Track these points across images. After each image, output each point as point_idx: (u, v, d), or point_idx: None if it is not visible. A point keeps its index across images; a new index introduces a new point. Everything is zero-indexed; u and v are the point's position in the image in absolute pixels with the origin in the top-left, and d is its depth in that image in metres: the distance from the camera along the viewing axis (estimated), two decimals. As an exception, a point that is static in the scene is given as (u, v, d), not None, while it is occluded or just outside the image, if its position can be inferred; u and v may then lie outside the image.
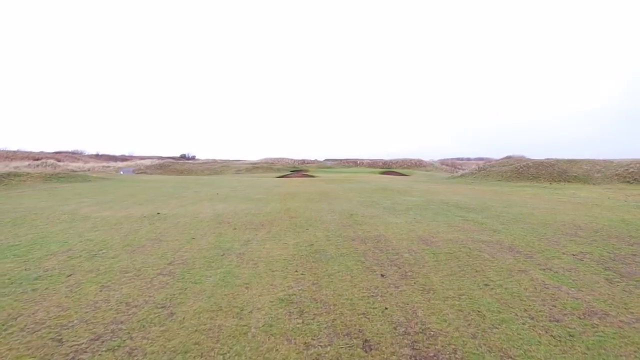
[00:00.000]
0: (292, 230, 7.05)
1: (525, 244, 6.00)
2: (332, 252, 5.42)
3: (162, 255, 5.22)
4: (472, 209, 10.00)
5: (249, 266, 4.76)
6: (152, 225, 7.55)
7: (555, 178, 21.78)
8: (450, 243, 6.00)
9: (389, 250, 5.53)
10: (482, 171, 26.76)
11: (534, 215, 8.85)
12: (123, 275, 4.35)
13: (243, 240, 6.26)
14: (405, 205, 10.85)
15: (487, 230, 7.09)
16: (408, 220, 8.17)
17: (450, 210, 9.76)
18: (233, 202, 11.83)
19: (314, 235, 6.64)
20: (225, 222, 7.95)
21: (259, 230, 7.11)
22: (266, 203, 11.41)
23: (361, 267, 4.73)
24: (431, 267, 4.71)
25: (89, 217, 8.57)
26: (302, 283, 4.14)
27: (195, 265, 4.76)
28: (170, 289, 3.93)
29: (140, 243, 5.98)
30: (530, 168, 23.55)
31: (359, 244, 5.96)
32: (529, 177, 22.45)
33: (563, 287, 4.08)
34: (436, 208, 10.12)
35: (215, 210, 9.65)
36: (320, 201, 11.90)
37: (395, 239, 6.31)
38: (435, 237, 6.41)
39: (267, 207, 10.31)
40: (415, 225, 7.50)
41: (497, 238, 6.39)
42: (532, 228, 7.28)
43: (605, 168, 22.41)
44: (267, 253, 5.40)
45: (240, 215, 8.80)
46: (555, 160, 24.77)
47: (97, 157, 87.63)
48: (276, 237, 6.46)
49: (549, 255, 5.31)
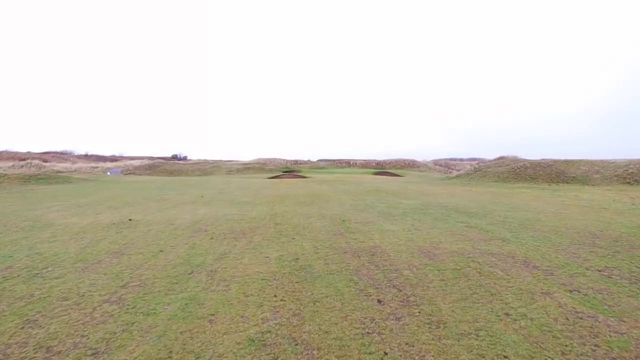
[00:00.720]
0: (276, 240, 6.24)
1: (540, 256, 5.26)
2: (320, 269, 4.63)
3: (117, 275, 4.38)
4: (474, 213, 9.28)
5: (219, 289, 3.95)
6: (118, 234, 6.69)
7: (554, 179, 21.24)
8: (456, 256, 5.24)
9: (386, 267, 4.75)
10: (478, 172, 26.16)
11: (542, 221, 8.15)
12: (60, 304, 3.51)
13: (219, 252, 5.44)
14: (401, 209, 10.09)
15: (495, 239, 6.35)
16: (406, 227, 7.41)
17: (450, 215, 9.03)
18: (217, 205, 10.98)
19: (301, 246, 5.84)
20: (202, 230, 7.11)
21: (239, 239, 6.30)
22: (252, 207, 10.58)
23: (354, 289, 3.95)
24: (437, 289, 3.94)
25: (51, 224, 7.67)
26: (280, 313, 3.34)
27: (154, 288, 3.93)
28: (112, 324, 3.11)
29: (97, 258, 5.13)
30: (528, 169, 22.99)
31: (352, 257, 5.18)
32: (526, 178, 21.88)
33: (600, 316, 3.34)
34: (435, 213, 9.37)
35: (194, 216, 8.80)
36: (310, 205, 11.10)
37: (393, 250, 5.54)
38: (438, 249, 5.65)
39: (252, 212, 9.48)
40: (414, 234, 6.74)
41: (508, 249, 5.65)
42: (544, 236, 6.56)
43: (604, 169, 21.94)
44: (244, 270, 4.59)
45: (221, 222, 7.97)
46: (553, 160, 24.26)
47: (86, 157, 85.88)
48: (257, 249, 5.65)
49: (571, 272, 4.58)
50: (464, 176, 26.44)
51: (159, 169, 57.56)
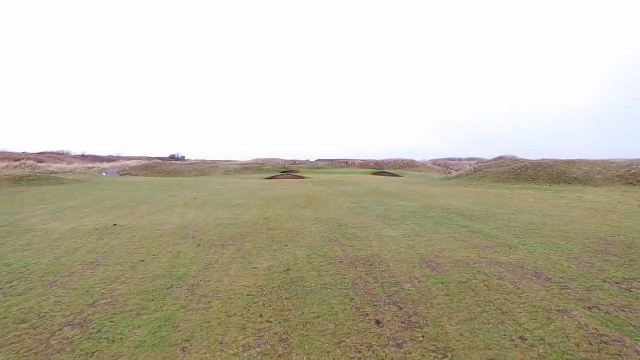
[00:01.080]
0: (267, 248, 5.83)
1: (552, 266, 4.87)
2: (313, 283, 4.22)
3: (87, 290, 3.96)
4: (477, 217, 8.89)
5: (199, 307, 3.54)
6: (99, 241, 6.27)
7: (555, 180, 20.89)
8: (461, 266, 4.84)
9: (385, 279, 4.35)
10: (477, 172, 25.80)
11: (549, 226, 7.76)
12: (15, 328, 3.09)
13: (204, 262, 5.02)
14: (401, 212, 9.70)
15: (501, 246, 5.95)
16: (406, 232, 7.01)
17: (452, 218, 8.63)
18: (209, 208, 10.56)
19: (293, 255, 5.43)
20: (189, 236, 6.70)
21: (227, 247, 5.88)
22: (245, 210, 10.17)
23: (349, 307, 3.54)
24: (443, 307, 3.54)
25: (30, 230, 7.24)
26: (265, 339, 2.93)
27: (126, 307, 3.52)
28: (69, 354, 2.69)
29: (70, 269, 4.70)
30: (529, 169, 22.64)
31: (348, 268, 4.77)
32: (527, 179, 21.53)
33: (626, 340, 2.95)
34: (436, 216, 8.98)
35: (184, 221, 8.38)
36: (306, 207, 10.69)
37: (393, 260, 5.13)
38: (441, 258, 5.25)
39: (245, 216, 9.06)
40: (415, 240, 6.33)
41: (516, 258, 5.25)
42: (552, 243, 6.17)
43: (606, 169, 21.60)
44: (229, 284, 4.18)
45: (211, 227, 7.55)
46: (554, 161, 23.92)
47: (83, 157, 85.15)
48: (246, 258, 5.24)
49: (588, 285, 4.18)
50: (463, 177, 26.07)
51: (156, 169, 57.05)
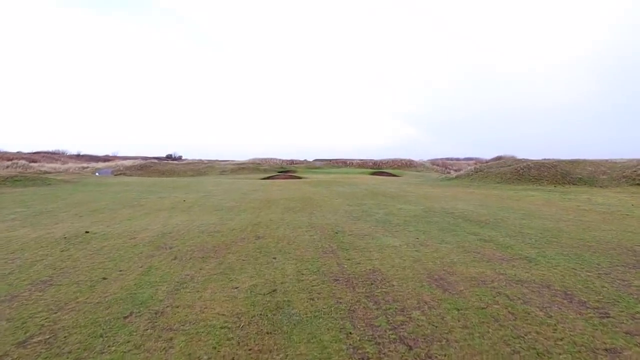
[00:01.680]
0: (252, 261, 5.11)
1: (582, 285, 4.17)
2: (302, 309, 3.51)
3: (24, 322, 3.23)
4: (485, 222, 8.19)
5: (157, 346, 2.82)
6: (63, 253, 5.54)
7: (559, 180, 20.24)
8: (477, 285, 4.14)
9: (388, 303, 3.64)
10: (478, 172, 25.14)
11: (565, 232, 7.07)
12: None
13: (177, 280, 4.30)
14: (402, 216, 8.99)
15: (518, 258, 5.26)
16: (409, 241, 6.31)
17: (458, 224, 7.93)
18: (196, 212, 9.83)
19: (282, 270, 4.72)
20: (167, 246, 5.97)
21: (208, 260, 5.16)
22: (235, 214, 9.44)
23: (345, 346, 2.83)
24: (462, 346, 2.83)
25: (-9, 238, 6.50)
26: (234, 399, 2.22)
27: (64, 347, 2.80)
28: None
29: (15, 290, 3.98)
30: (532, 169, 21.99)
31: (344, 288, 4.06)
32: (530, 179, 20.88)
33: None
34: (441, 221, 8.28)
35: (165, 227, 7.65)
36: (300, 211, 9.97)
37: (397, 277, 4.43)
38: (451, 274, 4.54)
39: (233, 221, 8.34)
40: (420, 251, 5.63)
41: (539, 274, 4.55)
42: (574, 254, 5.48)
43: (611, 169, 20.98)
44: (201, 310, 3.46)
45: (193, 235, 6.82)
46: (557, 161, 23.28)
47: (78, 157, 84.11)
48: (227, 275, 4.52)
49: (631, 310, 3.49)
50: (464, 177, 25.41)
51: (151, 169, 56.19)
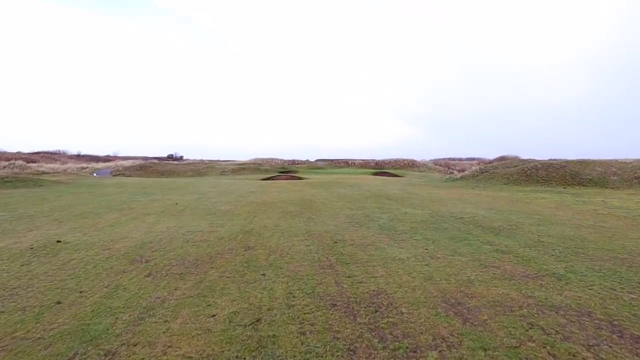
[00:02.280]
0: (237, 279, 4.42)
1: (629, 312, 3.46)
2: (290, 348, 2.82)
3: None
4: (498, 229, 7.48)
5: (94, 408, 2.13)
6: (22, 267, 4.86)
7: (568, 181, 19.49)
8: (503, 314, 3.43)
9: (397, 339, 2.95)
10: (484, 173, 24.39)
11: (589, 241, 6.36)
12: None
13: (144, 305, 3.62)
14: (408, 222, 8.29)
15: (544, 275, 4.55)
16: (417, 253, 5.60)
17: (470, 231, 7.22)
18: (186, 217, 9.16)
19: (270, 290, 4.03)
20: (143, 259, 5.28)
21: (186, 277, 4.47)
22: (227, 219, 8.76)
23: (343, 410, 2.14)
24: (498, 410, 2.13)
25: (-49, 248, 5.84)
26: None
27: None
28: None
29: (-55, 320, 3.30)
30: (539, 170, 21.23)
31: (343, 317, 3.36)
32: (538, 180, 20.12)
33: None
34: (451, 228, 7.57)
35: (147, 235, 6.97)
36: (298, 216, 9.28)
37: (406, 301, 3.72)
38: (471, 296, 3.84)
39: (223, 228, 7.65)
40: (431, 266, 4.93)
41: (573, 297, 3.84)
42: (609, 269, 4.76)
43: (622, 170, 20.21)
44: (162, 352, 2.78)
45: (176, 244, 6.14)
46: (565, 161, 22.51)
47: (78, 157, 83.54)
48: (204, 297, 3.83)
49: (701, 350, 2.78)
50: (469, 177, 24.67)
51: (151, 169, 55.59)
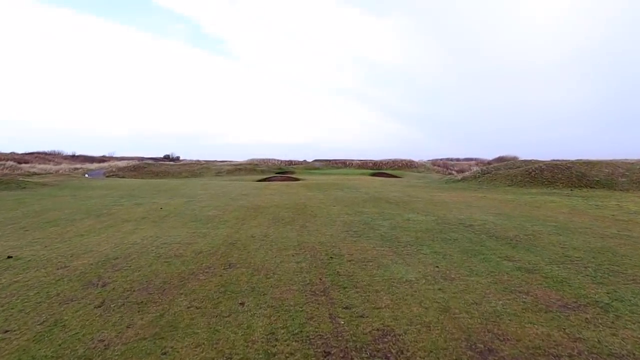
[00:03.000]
0: (209, 310, 3.57)
1: None
2: None
3: None
4: (515, 239, 6.66)
5: None
6: (-52, 295, 4.00)
7: (575, 183, 18.73)
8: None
9: (415, 417, 2.11)
10: (486, 174, 23.63)
11: (622, 255, 5.55)
12: None
13: (80, 354, 2.76)
14: (412, 230, 7.46)
15: (586, 304, 3.72)
16: (427, 272, 4.77)
17: (483, 242, 6.40)
18: (168, 224, 8.29)
19: (247, 330, 3.18)
20: (101, 281, 4.42)
21: (145, 308, 3.62)
22: (212, 227, 7.90)
23: None
24: None
25: None
26: None
27: None
28: None
29: None
30: (544, 171, 20.47)
31: (339, 375, 2.52)
32: (543, 182, 19.36)
33: None
34: (461, 238, 6.74)
35: (117, 247, 6.10)
36: (290, 223, 8.43)
37: (421, 347, 2.88)
38: (503, 339, 3.00)
39: (205, 238, 6.80)
40: (446, 291, 4.09)
41: (633, 337, 3.02)
42: (661, 295, 3.94)
43: (629, 171, 19.48)
44: None
45: (146, 261, 5.28)
46: (571, 162, 21.77)
47: (73, 158, 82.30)
48: (162, 339, 2.98)
49: None
50: (470, 179, 23.90)
51: (145, 170, 54.69)
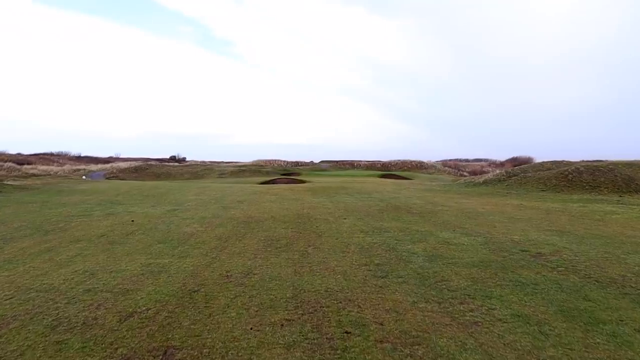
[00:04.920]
0: None
1: None
2: None
3: None
4: (628, 284, 4.37)
5: None
6: None
7: (622, 188, 16.22)
8: None
9: None
10: (513, 177, 21.17)
11: None
12: None
13: None
14: (461, 264, 5.20)
15: None
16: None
17: (580, 290, 4.12)
18: (124, 248, 6.16)
19: None
20: None
21: None
22: (179, 255, 5.74)
23: None
24: None
25: None
26: None
27: None
28: None
29: None
30: (583, 174, 17.95)
31: None
32: (584, 187, 16.87)
33: None
34: (542, 282, 4.46)
35: (15, 297, 3.96)
36: (286, 249, 6.23)
37: None
38: None
39: (156, 279, 4.62)
40: None
41: None
42: None
43: (684, 174, 16.92)
44: None
45: (29, 336, 3.13)
46: (613, 163, 19.23)
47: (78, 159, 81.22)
48: None
49: None
50: (495, 182, 21.46)
51: (146, 171, 53.13)
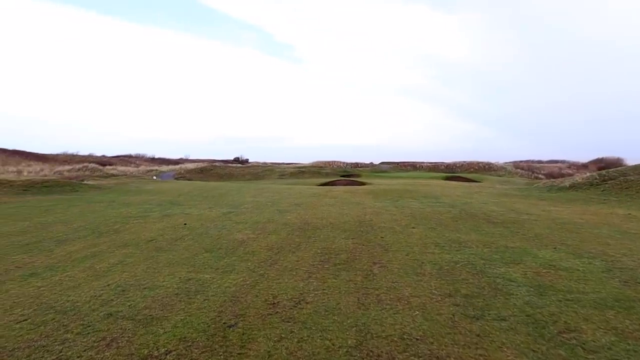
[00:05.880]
0: None
1: None
2: None
3: None
4: None
5: None
6: None
7: None
8: None
9: None
10: (609, 181, 17.98)
11: None
12: None
13: None
14: (584, 304, 3.79)
15: None
16: None
17: None
18: (168, 256, 5.67)
19: None
20: None
21: None
22: (222, 270, 5.05)
23: None
24: None
25: None
26: None
27: None
28: None
29: None
30: None
31: None
32: None
33: None
34: None
35: (29, 318, 3.47)
36: (346, 266, 5.23)
37: None
38: None
39: (191, 301, 3.91)
40: None
41: None
42: None
43: None
44: None
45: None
46: None
47: (152, 160, 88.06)
48: None
49: None
50: (586, 186, 18.43)
51: (211, 172, 55.74)
